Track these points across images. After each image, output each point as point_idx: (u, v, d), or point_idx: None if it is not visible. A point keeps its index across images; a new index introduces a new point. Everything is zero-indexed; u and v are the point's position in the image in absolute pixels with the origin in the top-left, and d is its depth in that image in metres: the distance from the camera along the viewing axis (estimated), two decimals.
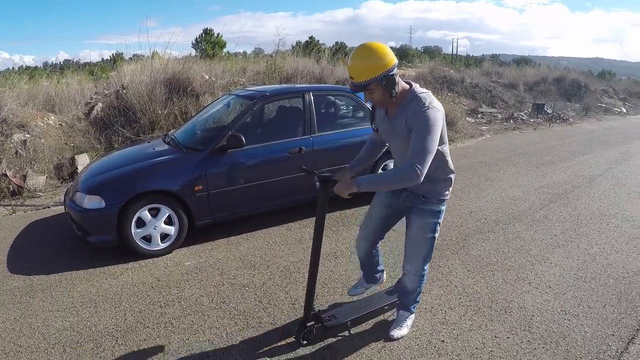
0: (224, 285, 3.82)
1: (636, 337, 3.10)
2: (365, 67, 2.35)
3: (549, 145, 11.18)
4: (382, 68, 2.33)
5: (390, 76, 2.36)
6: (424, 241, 2.78)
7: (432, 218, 2.73)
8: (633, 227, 5.24)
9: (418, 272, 2.85)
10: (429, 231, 2.75)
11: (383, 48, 2.37)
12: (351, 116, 6.06)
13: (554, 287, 3.81)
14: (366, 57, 2.36)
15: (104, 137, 8.42)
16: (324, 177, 2.58)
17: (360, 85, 2.39)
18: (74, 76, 11.28)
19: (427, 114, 2.35)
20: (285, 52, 13.23)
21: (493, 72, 22.75)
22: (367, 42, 2.39)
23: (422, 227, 2.75)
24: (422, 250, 2.80)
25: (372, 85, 2.38)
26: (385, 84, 2.38)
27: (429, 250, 2.81)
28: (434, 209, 2.72)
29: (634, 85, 32.54)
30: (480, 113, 16.17)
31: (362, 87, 2.39)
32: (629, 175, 7.94)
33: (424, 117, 2.34)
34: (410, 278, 2.90)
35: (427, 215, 2.73)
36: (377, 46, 2.37)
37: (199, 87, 9.73)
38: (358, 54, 2.38)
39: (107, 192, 4.18)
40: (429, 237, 2.76)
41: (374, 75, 2.34)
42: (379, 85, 2.38)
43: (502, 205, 6.05)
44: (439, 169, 2.63)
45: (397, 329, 3.00)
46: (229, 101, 5.91)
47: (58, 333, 3.14)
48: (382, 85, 2.38)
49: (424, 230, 2.75)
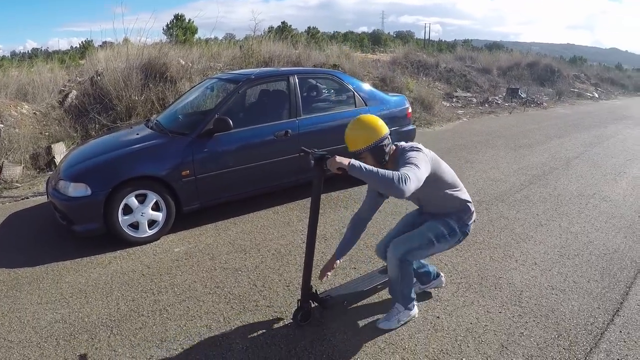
0: (217, 270, 3.80)
1: (620, 309, 3.22)
2: (357, 138, 2.64)
3: (525, 129, 11.38)
4: (372, 139, 2.62)
5: (380, 146, 2.64)
6: (421, 236, 2.82)
7: (443, 227, 2.83)
8: (611, 207, 5.39)
9: (396, 256, 2.78)
10: (433, 233, 2.82)
11: (375, 121, 2.67)
12: (336, 99, 6.07)
13: (539, 263, 3.91)
14: (358, 129, 2.67)
15: (80, 125, 8.22)
16: (318, 155, 2.64)
17: (353, 154, 2.66)
18: (44, 65, 10.94)
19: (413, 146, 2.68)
20: (259, 37, 13.11)
21: (467, 57, 22.96)
22: (361, 116, 2.74)
23: (430, 227, 2.85)
24: (413, 241, 2.82)
25: (364, 153, 2.65)
26: (375, 152, 2.66)
27: (418, 246, 2.80)
28: (449, 222, 2.84)
29: (605, 71, 33.35)
30: (455, 97, 16.35)
31: (355, 155, 2.65)
32: (604, 157, 8.15)
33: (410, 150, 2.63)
34: (389, 263, 2.86)
35: (440, 223, 2.85)
36: (368, 119, 2.69)
37: (176, 72, 9.58)
38: (352, 126, 2.69)
39: (93, 179, 4.10)
40: (428, 236, 2.81)
41: (364, 145, 2.63)
42: (369, 154, 2.65)
43: (484, 186, 6.16)
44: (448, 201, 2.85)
45: (385, 321, 2.99)
46: (212, 85, 5.85)
47: (50, 326, 3.07)
48: (372, 153, 2.65)
49: (428, 229, 2.84)
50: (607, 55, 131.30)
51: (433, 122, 11.83)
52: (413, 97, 12.46)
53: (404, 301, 2.96)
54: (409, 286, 2.92)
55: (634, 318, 3.11)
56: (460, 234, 2.89)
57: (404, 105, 6.47)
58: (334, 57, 14.54)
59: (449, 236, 2.84)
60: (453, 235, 2.86)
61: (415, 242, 2.81)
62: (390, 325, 2.97)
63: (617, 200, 5.65)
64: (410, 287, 2.93)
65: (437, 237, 2.82)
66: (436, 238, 2.81)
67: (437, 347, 2.80)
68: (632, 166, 7.45)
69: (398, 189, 2.31)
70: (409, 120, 6.53)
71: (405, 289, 2.91)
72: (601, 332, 2.95)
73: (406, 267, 2.83)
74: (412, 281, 2.93)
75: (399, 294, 2.95)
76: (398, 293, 2.94)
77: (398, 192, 2.33)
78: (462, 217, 2.88)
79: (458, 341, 2.85)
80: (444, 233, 2.83)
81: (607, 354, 2.74)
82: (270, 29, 15.19)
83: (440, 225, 2.84)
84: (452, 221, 2.85)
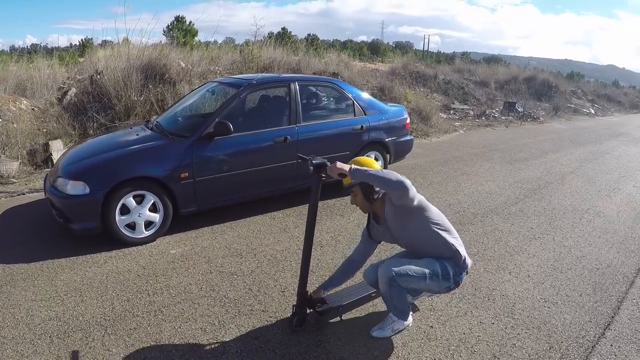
0: (212, 274, 3.81)
1: (612, 323, 3.26)
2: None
3: (521, 143, 11.47)
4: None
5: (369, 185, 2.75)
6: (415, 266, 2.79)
7: (439, 266, 2.80)
8: (604, 222, 5.44)
9: (386, 275, 2.78)
10: (427, 267, 2.79)
11: (369, 162, 2.86)
12: (336, 107, 6.11)
13: (532, 276, 3.95)
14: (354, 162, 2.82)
15: (78, 123, 8.21)
16: (317, 163, 2.69)
17: (345, 188, 2.85)
18: (44, 61, 10.93)
19: None
20: (260, 42, 13.17)
21: (465, 69, 23.14)
22: (358, 157, 2.99)
23: (428, 263, 2.82)
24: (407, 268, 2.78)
25: (354, 188, 2.81)
26: (365, 189, 2.79)
27: (409, 274, 2.76)
28: (446, 265, 2.81)
29: (602, 87, 33.69)
30: (452, 109, 16.45)
31: (346, 189, 2.84)
32: (599, 173, 8.23)
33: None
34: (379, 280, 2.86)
35: (437, 261, 2.83)
36: (364, 159, 2.91)
37: (176, 74, 9.61)
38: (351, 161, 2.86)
39: (92, 177, 4.10)
40: (422, 269, 2.78)
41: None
42: (359, 190, 2.80)
43: (479, 199, 6.20)
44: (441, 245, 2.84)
45: (379, 329, 2.99)
46: (213, 88, 5.87)
47: (44, 323, 3.06)
48: (362, 189, 2.80)
49: (426, 264, 2.81)
50: (604, 71, 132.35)
51: (430, 133, 11.89)
52: (411, 107, 12.51)
53: (399, 313, 2.97)
54: (401, 301, 2.92)
55: (625, 332, 3.15)
56: (452, 281, 2.84)
57: (403, 115, 6.52)
58: (333, 65, 14.61)
59: (441, 278, 2.80)
60: (446, 279, 2.81)
61: (408, 270, 2.76)
62: (384, 334, 2.98)
63: (610, 215, 5.71)
64: (403, 300, 2.93)
65: (430, 274, 2.77)
66: (429, 275, 2.77)
67: (430, 356, 2.82)
68: (627, 182, 7.53)
69: (400, 183, 2.52)
70: (406, 131, 6.58)
71: (397, 301, 2.91)
72: (592, 345, 2.99)
73: (396, 287, 2.81)
74: (404, 295, 2.92)
75: (392, 307, 2.96)
76: (391, 306, 2.96)
77: (401, 188, 2.53)
78: (458, 264, 2.84)
79: (451, 351, 2.87)
80: (438, 273, 2.79)
81: None
82: (271, 35, 15.25)
83: (437, 265, 2.80)
84: (449, 265, 2.82)
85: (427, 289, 2.90)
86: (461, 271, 2.87)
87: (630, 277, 4.01)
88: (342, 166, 2.59)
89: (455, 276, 2.84)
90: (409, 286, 2.82)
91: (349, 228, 4.88)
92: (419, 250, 2.91)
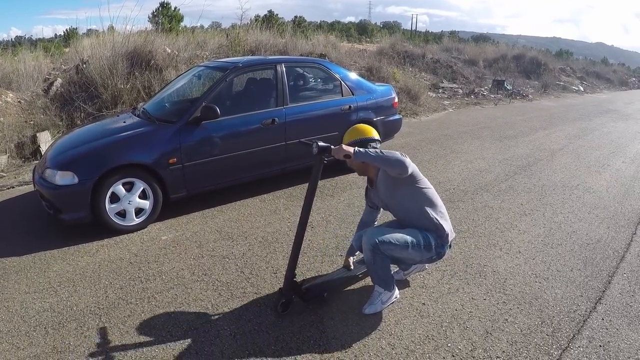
0: (204, 258, 3.81)
1: (602, 297, 3.30)
2: (349, 135, 3.04)
3: (510, 120, 11.50)
4: (359, 135, 2.99)
5: (364, 144, 2.93)
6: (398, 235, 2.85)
7: (422, 238, 2.88)
8: (594, 198, 5.49)
9: (369, 243, 2.83)
10: (410, 236, 2.86)
11: (369, 128, 3.06)
12: (323, 88, 6.08)
13: (523, 252, 3.98)
14: (354, 128, 3.10)
15: (65, 114, 8.11)
16: (322, 146, 2.77)
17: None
18: (28, 52, 10.77)
19: None
20: (246, 26, 13.06)
21: (453, 48, 23.08)
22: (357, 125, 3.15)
23: (411, 232, 2.90)
24: (388, 234, 2.84)
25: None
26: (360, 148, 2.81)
27: (394, 242, 2.82)
28: (429, 235, 2.90)
29: (591, 65, 33.77)
30: (441, 88, 16.44)
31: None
32: (589, 149, 8.28)
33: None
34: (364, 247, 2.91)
35: (420, 231, 2.91)
36: (363, 126, 3.11)
37: (162, 60, 9.51)
38: (352, 127, 3.12)
39: (80, 167, 4.06)
40: (404, 237, 2.85)
41: (352, 139, 2.98)
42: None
43: (469, 176, 6.22)
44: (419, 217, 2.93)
45: (370, 305, 3.03)
46: (200, 73, 5.82)
47: (38, 315, 3.05)
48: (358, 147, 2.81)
49: (407, 232, 2.89)
50: (593, 49, 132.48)
51: (419, 112, 11.89)
52: (399, 87, 12.49)
53: (383, 283, 3.00)
54: (384, 268, 2.95)
55: (615, 306, 3.19)
56: (435, 252, 2.91)
57: (391, 95, 6.51)
58: (320, 46, 14.52)
59: (423, 248, 2.87)
60: (428, 249, 2.88)
61: (391, 238, 2.83)
62: (375, 308, 3.02)
63: (600, 191, 5.75)
64: (386, 269, 2.97)
65: (412, 243, 2.84)
66: (411, 243, 2.84)
67: (423, 332, 2.85)
68: (616, 159, 7.59)
69: (399, 162, 2.70)
70: (395, 110, 6.57)
71: (380, 270, 2.94)
72: (584, 319, 3.02)
73: (380, 254, 2.86)
74: (387, 263, 2.95)
75: (376, 277, 3.00)
76: (375, 276, 2.99)
77: (401, 167, 2.70)
78: (442, 237, 2.91)
79: (443, 327, 2.90)
80: (420, 243, 2.86)
81: (590, 340, 2.81)
82: (257, 18, 15.10)
83: (420, 235, 2.88)
84: (431, 236, 2.89)
85: (409, 258, 2.96)
86: (443, 244, 2.93)
87: (621, 252, 4.05)
88: (347, 149, 2.72)
89: (438, 248, 2.91)
90: (392, 254, 2.87)
91: (339, 208, 4.89)
92: (405, 219, 3.00)
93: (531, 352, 2.68)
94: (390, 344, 2.74)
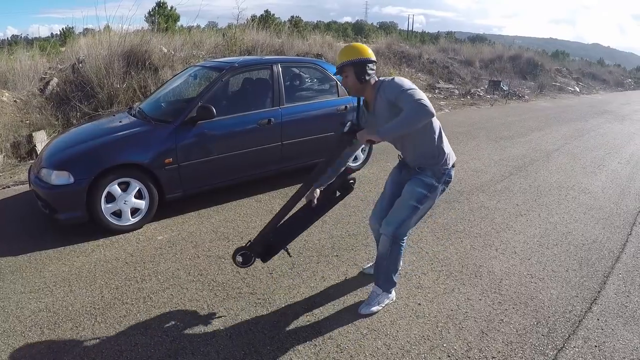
0: (200, 258, 3.81)
1: (598, 298, 3.31)
2: (347, 52, 2.79)
3: (506, 121, 11.52)
4: (358, 55, 2.76)
5: (363, 65, 2.74)
6: (405, 207, 2.85)
7: (421, 188, 2.84)
8: (590, 199, 5.51)
9: (389, 234, 2.87)
10: (414, 199, 2.84)
11: (366, 48, 2.84)
12: (319, 88, 6.09)
13: (519, 252, 3.99)
14: (351, 46, 2.86)
15: (61, 113, 8.10)
16: (353, 128, 2.79)
17: (338, 67, 2.80)
18: (24, 51, 10.74)
19: (395, 81, 2.68)
20: (242, 25, 13.06)
21: (450, 48, 23.12)
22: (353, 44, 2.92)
23: (410, 192, 2.85)
24: (400, 214, 2.86)
25: (347, 68, 2.76)
26: (357, 69, 2.74)
27: (407, 217, 2.86)
28: (425, 180, 2.84)
29: (587, 65, 33.86)
30: (437, 88, 16.47)
31: (339, 68, 2.78)
32: (584, 150, 8.30)
33: (394, 84, 2.66)
34: (382, 240, 2.95)
35: (417, 184, 2.85)
36: (361, 45, 2.88)
37: (158, 60, 9.52)
38: (347, 45, 2.92)
39: (76, 166, 4.05)
40: (411, 204, 2.84)
41: (349, 58, 2.75)
42: (351, 69, 2.74)
43: (465, 177, 6.23)
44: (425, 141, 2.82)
45: (366, 306, 3.04)
46: (196, 72, 5.82)
47: (34, 315, 3.04)
48: (354, 69, 2.74)
49: (409, 196, 2.85)
50: (589, 50, 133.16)
51: None
52: None
53: (386, 283, 3.02)
54: (395, 265, 2.98)
55: (611, 306, 3.20)
56: (440, 186, 2.88)
57: None
58: (316, 46, 14.52)
59: (429, 194, 2.85)
60: (433, 190, 2.86)
61: (402, 214, 2.86)
62: (371, 309, 3.02)
63: (596, 192, 5.77)
64: (396, 268, 3.00)
65: (418, 200, 2.84)
66: (418, 201, 2.84)
67: (419, 333, 2.85)
68: (612, 159, 7.61)
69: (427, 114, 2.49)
70: None
71: (391, 266, 2.97)
72: (579, 319, 3.03)
73: (398, 244, 2.90)
74: (399, 262, 2.99)
75: (382, 273, 3.00)
76: (383, 270, 2.99)
77: (427, 116, 2.51)
78: (438, 169, 2.85)
79: (439, 327, 2.91)
80: (423, 194, 2.84)
81: (585, 340, 2.82)
82: (254, 18, 15.09)
83: (418, 187, 2.84)
84: (427, 178, 2.85)
85: (427, 210, 2.98)
86: (444, 171, 2.87)
87: (616, 253, 4.06)
88: (371, 135, 2.63)
89: (440, 179, 2.87)
90: (414, 223, 2.96)
91: (335, 209, 4.81)
92: (403, 146, 2.94)
93: (527, 352, 2.69)
94: (386, 344, 2.75)
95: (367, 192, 5.39)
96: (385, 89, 2.68)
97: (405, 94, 2.54)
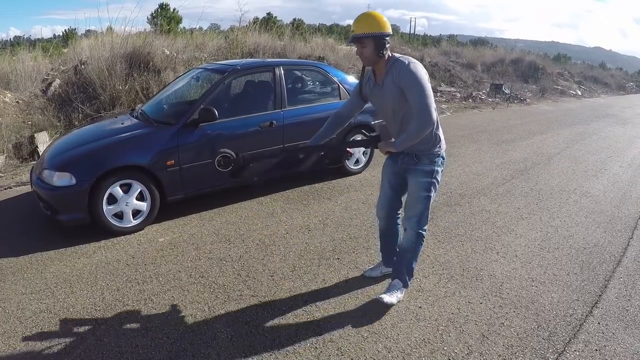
0: (201, 260, 3.81)
1: (599, 302, 3.30)
2: (368, 23, 2.70)
3: (508, 124, 11.52)
4: (379, 28, 2.69)
5: (383, 39, 2.71)
6: (418, 200, 2.95)
7: (425, 177, 2.91)
8: (591, 202, 5.50)
9: (414, 228, 3.01)
10: (423, 189, 2.92)
11: (386, 20, 2.75)
12: (321, 91, 6.09)
13: (520, 256, 3.99)
14: (372, 17, 2.74)
15: (63, 114, 8.13)
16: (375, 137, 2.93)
17: (357, 37, 2.71)
18: (27, 53, 10.79)
19: (410, 68, 2.67)
20: (245, 28, 13.08)
21: (451, 52, 23.14)
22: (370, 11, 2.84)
23: (417, 185, 2.94)
24: (417, 208, 2.98)
25: (366, 40, 2.70)
26: (377, 43, 2.70)
27: (424, 209, 2.98)
28: (425, 169, 2.91)
29: (589, 69, 33.83)
30: (439, 92, 16.47)
31: (358, 38, 2.71)
32: (586, 154, 8.29)
33: (409, 72, 2.66)
34: (406, 235, 3.08)
35: (420, 174, 2.92)
36: (381, 15, 2.77)
37: (160, 62, 9.55)
38: (367, 13, 2.78)
39: (78, 168, 4.06)
40: (422, 195, 2.93)
41: (371, 31, 2.68)
42: (372, 42, 2.70)
43: (466, 180, 6.23)
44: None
45: (389, 295, 3.07)
46: (198, 75, 5.83)
47: (35, 316, 3.04)
48: (374, 42, 2.69)
49: (418, 189, 2.94)
50: (591, 53, 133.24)
51: None
52: None
53: (407, 274, 3.14)
54: (417, 255, 3.15)
55: (612, 310, 3.20)
56: (438, 166, 2.95)
57: None
58: (319, 49, 14.54)
59: (433, 179, 2.93)
60: (436, 174, 2.94)
61: (419, 207, 2.98)
62: (391, 300, 3.08)
63: (597, 195, 5.76)
64: (416, 260, 3.18)
65: (427, 189, 2.93)
66: (427, 190, 2.94)
67: (419, 336, 2.85)
68: (613, 163, 7.60)
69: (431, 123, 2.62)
70: None
71: (415, 257, 3.14)
72: (580, 323, 3.03)
73: (422, 236, 3.07)
74: (418, 256, 3.17)
75: (404, 265, 3.12)
76: (405, 263, 3.11)
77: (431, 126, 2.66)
78: (431, 151, 2.88)
79: (440, 330, 2.90)
80: (429, 181, 2.92)
81: (586, 344, 2.81)
82: (256, 20, 15.11)
83: (421, 178, 2.92)
84: (426, 166, 2.91)
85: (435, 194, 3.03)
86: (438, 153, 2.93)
87: (617, 256, 4.05)
88: (389, 147, 2.77)
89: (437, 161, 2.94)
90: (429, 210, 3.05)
91: (336, 211, 4.89)
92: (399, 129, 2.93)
93: (527, 355, 2.69)
94: (387, 347, 2.74)
95: (369, 195, 5.39)
96: (399, 72, 2.70)
97: (415, 92, 2.62)
